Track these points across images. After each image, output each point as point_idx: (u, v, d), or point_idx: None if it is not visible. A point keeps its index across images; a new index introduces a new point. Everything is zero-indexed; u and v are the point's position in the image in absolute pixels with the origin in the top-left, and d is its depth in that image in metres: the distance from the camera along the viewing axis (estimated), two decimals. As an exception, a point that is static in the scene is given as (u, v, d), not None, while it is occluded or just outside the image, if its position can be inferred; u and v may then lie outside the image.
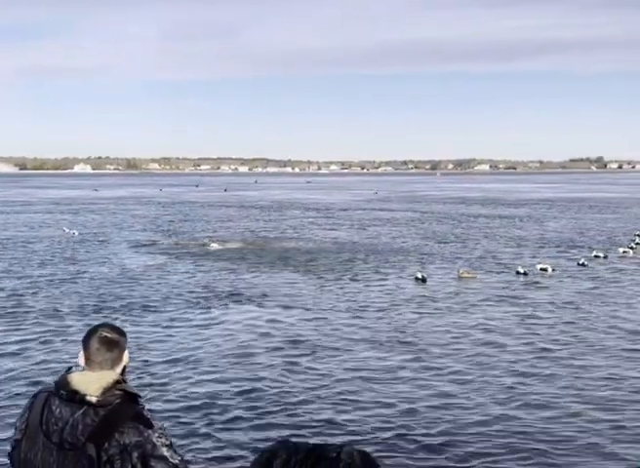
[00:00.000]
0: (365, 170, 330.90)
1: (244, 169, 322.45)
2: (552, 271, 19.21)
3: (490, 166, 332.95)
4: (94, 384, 2.41)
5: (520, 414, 8.31)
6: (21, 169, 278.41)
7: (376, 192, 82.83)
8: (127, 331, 2.75)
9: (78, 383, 2.42)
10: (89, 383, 2.41)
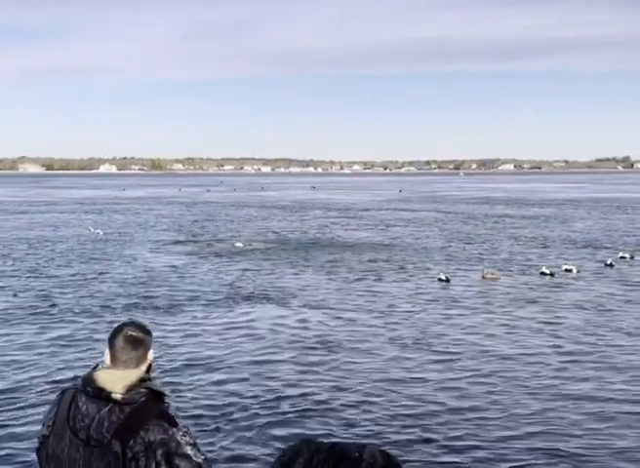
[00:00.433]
0: (388, 170, 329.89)
1: (267, 169, 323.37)
2: (577, 272, 18.98)
3: (514, 166, 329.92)
4: (119, 382, 2.44)
5: (546, 418, 8.22)
6: (48, 169, 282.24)
7: (400, 191, 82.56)
8: (151, 329, 2.77)
9: (104, 381, 2.45)
10: (114, 381, 2.44)
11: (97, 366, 2.56)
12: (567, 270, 19.15)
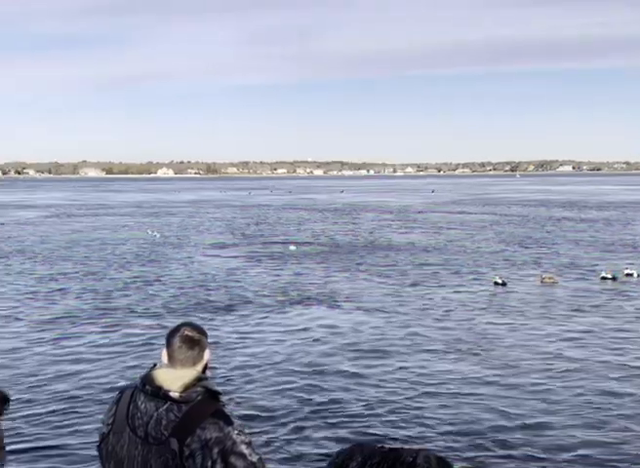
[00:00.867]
0: (441, 172, 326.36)
1: (319, 172, 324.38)
2: (638, 277, 18.36)
3: (573, 167, 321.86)
4: (176, 381, 2.48)
5: (605, 432, 7.97)
6: (108, 173, 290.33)
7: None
8: (207, 330, 2.82)
9: (162, 380, 2.50)
10: (172, 380, 2.49)
11: (155, 365, 2.61)
12: (628, 274, 18.55)
